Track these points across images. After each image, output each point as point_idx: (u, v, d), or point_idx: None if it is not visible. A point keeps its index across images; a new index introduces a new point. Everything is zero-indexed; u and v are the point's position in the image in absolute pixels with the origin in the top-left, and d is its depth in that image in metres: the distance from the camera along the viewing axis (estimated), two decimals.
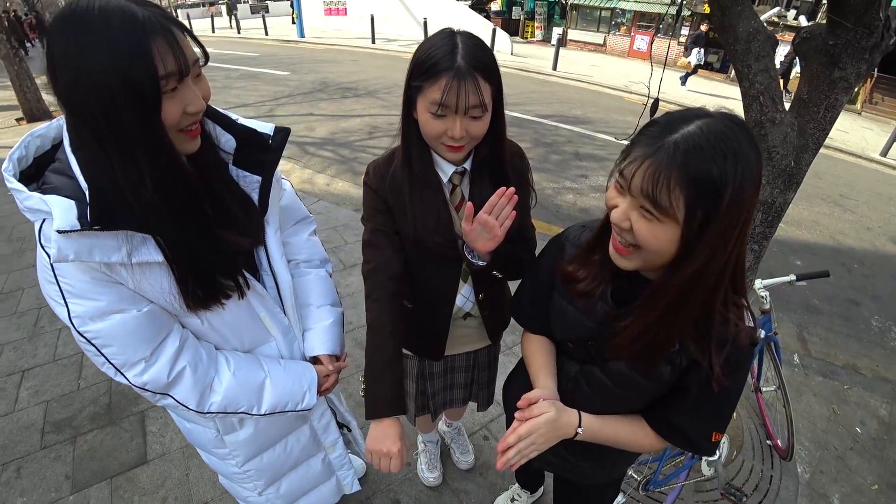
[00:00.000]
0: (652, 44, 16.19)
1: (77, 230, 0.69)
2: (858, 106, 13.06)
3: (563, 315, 0.99)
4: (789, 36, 12.72)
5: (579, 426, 0.92)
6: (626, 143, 0.82)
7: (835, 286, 4.02)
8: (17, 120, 7.55)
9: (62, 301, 0.78)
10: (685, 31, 16.34)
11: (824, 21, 1.49)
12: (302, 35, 17.96)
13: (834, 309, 3.76)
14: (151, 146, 0.70)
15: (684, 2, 14.56)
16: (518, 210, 1.04)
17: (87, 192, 0.71)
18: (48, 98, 8.06)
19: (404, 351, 1.43)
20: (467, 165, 1.12)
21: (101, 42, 0.63)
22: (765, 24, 1.64)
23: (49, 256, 0.73)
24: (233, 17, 19.92)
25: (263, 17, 18.97)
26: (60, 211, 0.69)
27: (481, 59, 0.95)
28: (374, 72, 11.33)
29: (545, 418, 0.89)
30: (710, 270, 0.73)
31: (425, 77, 0.95)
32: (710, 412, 0.89)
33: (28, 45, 17.96)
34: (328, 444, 1.33)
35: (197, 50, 0.75)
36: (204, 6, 31.76)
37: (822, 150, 1.72)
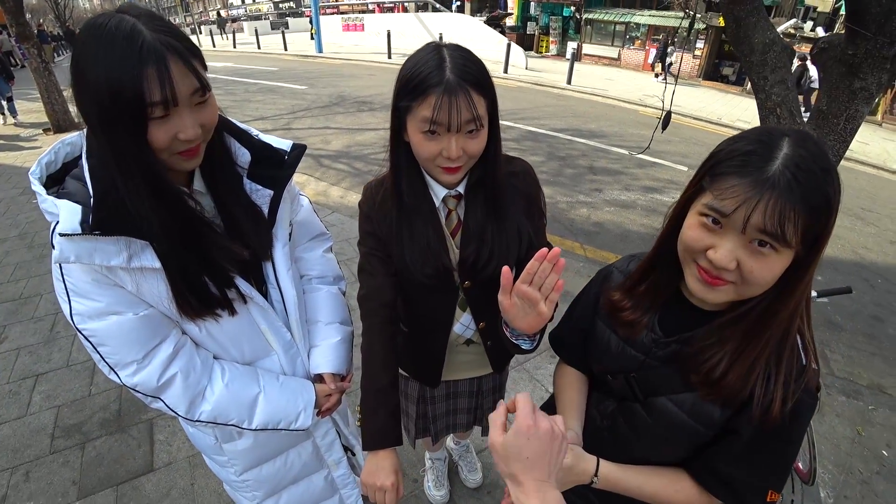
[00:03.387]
0: (662, 55, 16.13)
1: (78, 234, 0.72)
2: (879, 117, 12.84)
3: (606, 345, 0.94)
4: (806, 48, 12.62)
5: (595, 474, 0.86)
6: (640, 154, 0.79)
7: (857, 302, 3.90)
8: (45, 130, 7.79)
9: (66, 298, 0.81)
10: (700, 44, 16.31)
11: (843, 31, 1.46)
12: (320, 50, 18.35)
13: (857, 326, 3.64)
14: (140, 163, 0.73)
15: (698, 15, 14.55)
16: (533, 232, 1.00)
17: (92, 198, 0.74)
18: (74, 110, 8.32)
19: (403, 373, 1.40)
20: (461, 189, 1.06)
21: (101, 59, 0.67)
22: (781, 35, 1.62)
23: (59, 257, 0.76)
24: (222, 32, 21.20)
25: (283, 33, 19.45)
26: (66, 214, 0.73)
27: (472, 72, 0.89)
28: (389, 86, 11.20)
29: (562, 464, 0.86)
30: (803, 294, 0.71)
31: (413, 95, 0.89)
32: (764, 463, 0.79)
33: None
34: (332, 461, 1.31)
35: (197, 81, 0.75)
36: (229, 23, 32.93)
37: (842, 163, 1.67)
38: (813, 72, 12.55)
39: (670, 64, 15.05)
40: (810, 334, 0.79)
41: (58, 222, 0.75)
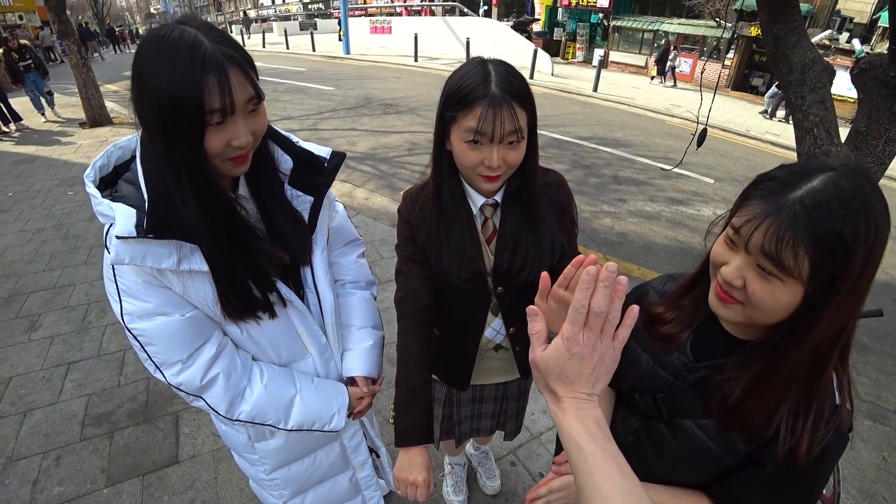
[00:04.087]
0: (695, 66, 15.91)
1: (133, 237, 0.75)
2: None
3: (636, 363, 0.95)
4: (842, 59, 12.30)
5: None
6: (670, 169, 0.79)
7: (888, 325, 3.77)
8: (81, 124, 8.06)
9: (117, 298, 0.85)
10: (731, 54, 16.03)
11: (884, 49, 1.43)
12: (348, 51, 18.56)
13: (886, 349, 3.53)
14: (194, 168, 0.77)
15: (734, 26, 14.33)
16: (565, 241, 1.00)
17: (146, 202, 0.78)
18: (110, 105, 8.60)
19: (433, 376, 1.43)
20: (498, 198, 1.10)
21: (164, 68, 0.70)
22: (821, 55, 1.59)
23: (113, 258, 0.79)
24: (248, 31, 22.34)
25: (311, 34, 19.74)
26: (122, 218, 0.76)
27: (515, 86, 0.94)
28: (415, 89, 11.55)
29: None
30: (832, 336, 0.69)
31: (460, 107, 0.94)
32: (787, 499, 0.78)
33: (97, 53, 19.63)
34: (357, 463, 1.33)
35: (252, 90, 0.80)
36: (257, 22, 33.75)
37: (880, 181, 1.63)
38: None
39: (672, 68, 15.70)
40: (847, 374, 0.77)
41: (112, 225, 0.78)
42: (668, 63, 15.70)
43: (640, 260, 4.31)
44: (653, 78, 16.35)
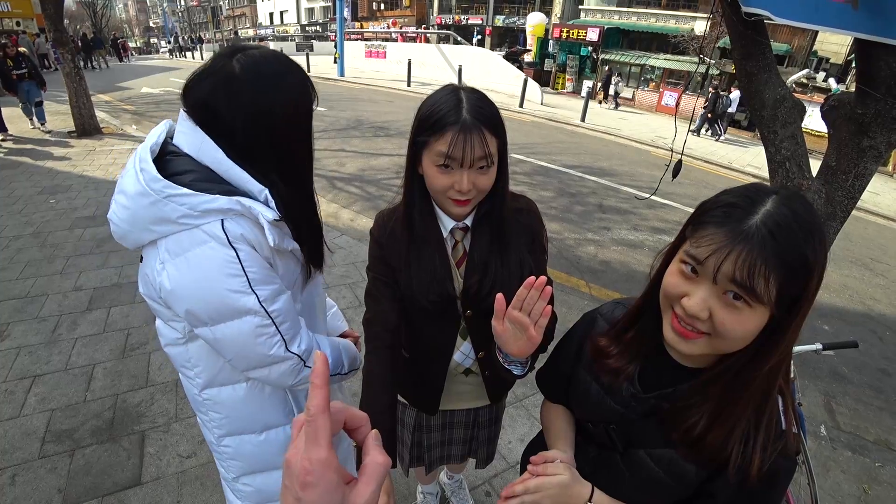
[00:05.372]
0: (679, 100, 16.39)
1: (279, 219, 0.89)
2: (890, 168, 12.90)
3: (586, 393, 0.95)
4: (819, 97, 12.80)
5: (590, 500, 0.85)
6: (648, 197, 0.80)
7: (865, 355, 3.83)
8: (69, 133, 7.99)
9: (249, 290, 0.88)
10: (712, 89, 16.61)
11: (853, 88, 1.49)
12: (342, 74, 18.83)
13: (864, 378, 3.56)
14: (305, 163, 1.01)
15: (717, 62, 14.87)
16: (534, 266, 1.01)
17: (267, 195, 0.90)
18: (101, 115, 8.57)
19: (402, 400, 1.41)
20: (469, 221, 1.11)
21: (279, 83, 0.91)
22: (791, 91, 1.64)
23: (237, 252, 0.86)
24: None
25: (307, 55, 19.99)
26: (261, 208, 0.87)
27: (485, 113, 0.96)
28: (406, 113, 11.69)
29: (557, 480, 0.84)
30: (783, 355, 0.69)
31: (432, 132, 0.96)
32: None
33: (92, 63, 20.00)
34: None
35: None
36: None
37: (853, 212, 1.68)
38: (734, 95, 13.83)
39: (616, 94, 17.82)
40: (789, 396, 0.78)
41: (223, 220, 0.86)
42: (612, 87, 17.76)
43: (623, 288, 4.34)
44: (600, 102, 18.08)
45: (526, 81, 14.98)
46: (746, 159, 11.56)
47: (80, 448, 2.19)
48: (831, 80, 14.58)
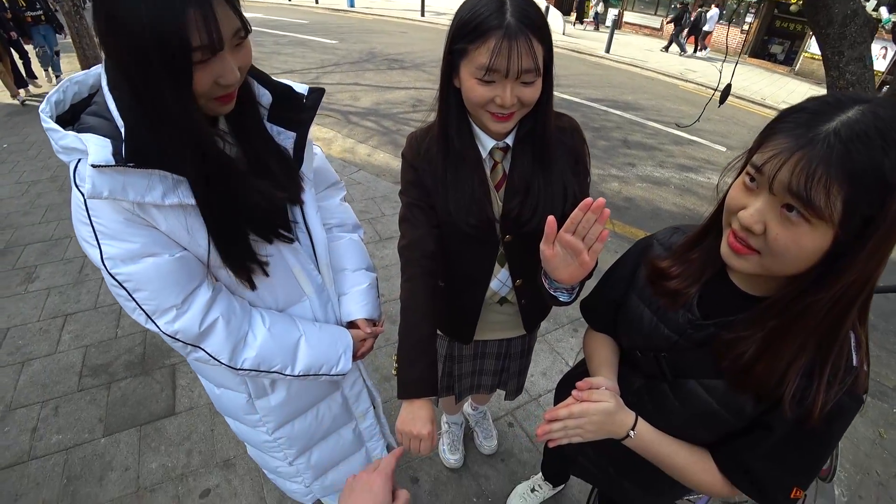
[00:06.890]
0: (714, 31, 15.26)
1: (111, 165, 0.68)
2: None
3: (639, 320, 0.90)
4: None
5: (633, 428, 0.84)
6: (688, 125, 0.70)
7: (894, 302, 3.72)
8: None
9: (95, 242, 0.76)
10: (749, 17, 15.36)
11: None
12: (352, 4, 17.85)
13: (890, 327, 3.48)
14: (178, 110, 0.69)
15: None
16: (578, 189, 0.93)
17: (122, 131, 0.70)
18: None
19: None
20: (509, 140, 1.02)
21: (142, 2, 0.61)
22: (864, 6, 1.45)
23: (83, 195, 0.72)
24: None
25: None
26: (95, 147, 0.68)
27: (532, 17, 0.84)
28: (421, 45, 11.16)
29: (602, 406, 0.82)
30: (855, 287, 0.62)
31: (471, 38, 0.85)
32: (795, 461, 0.75)
33: None
34: (359, 413, 1.30)
35: (239, 21, 0.71)
36: None
37: None
38: (712, 13, 13.39)
39: (699, 30, 13.89)
40: (865, 333, 0.71)
41: (79, 160, 0.71)
42: (687, 25, 13.83)
43: (647, 225, 4.22)
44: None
45: (547, 10, 14.06)
46: (781, 95, 10.83)
47: (115, 381, 2.27)
48: (883, 10, 13.33)
